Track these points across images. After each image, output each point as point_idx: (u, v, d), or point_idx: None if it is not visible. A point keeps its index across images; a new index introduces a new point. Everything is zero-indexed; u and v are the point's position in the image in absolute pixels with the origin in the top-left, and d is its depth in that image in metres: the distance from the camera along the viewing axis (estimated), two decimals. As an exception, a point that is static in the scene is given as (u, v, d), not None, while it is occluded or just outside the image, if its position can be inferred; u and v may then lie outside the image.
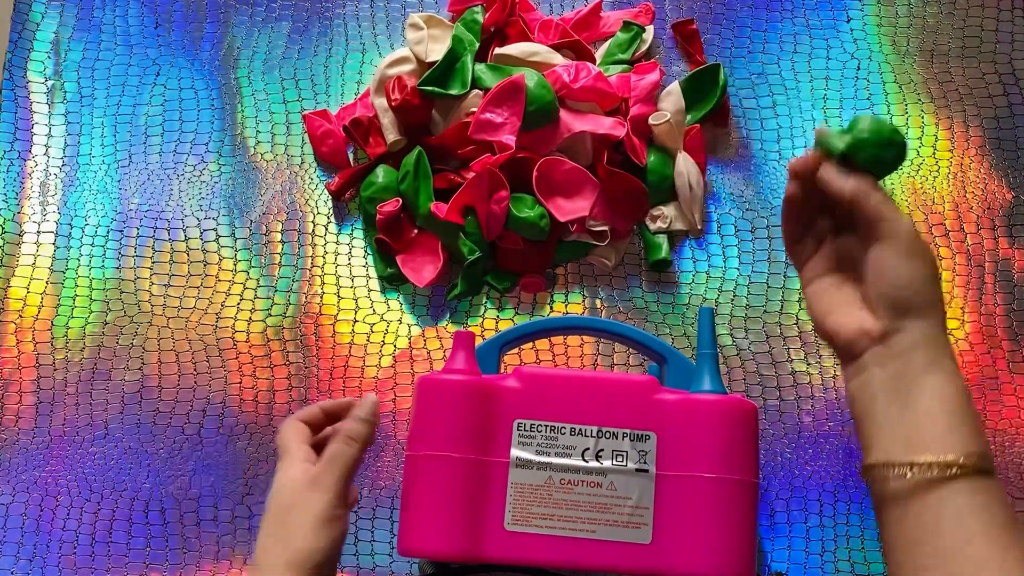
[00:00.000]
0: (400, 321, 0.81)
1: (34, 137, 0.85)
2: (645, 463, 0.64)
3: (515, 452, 0.64)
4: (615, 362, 0.80)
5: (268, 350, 0.80)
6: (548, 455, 0.64)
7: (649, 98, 0.81)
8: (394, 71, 0.82)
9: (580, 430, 0.64)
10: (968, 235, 0.82)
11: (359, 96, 0.85)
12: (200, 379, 0.80)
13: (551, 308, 0.81)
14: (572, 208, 0.79)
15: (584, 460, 0.64)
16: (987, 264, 0.82)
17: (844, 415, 0.78)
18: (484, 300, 0.81)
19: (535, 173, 0.78)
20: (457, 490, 0.63)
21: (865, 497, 0.77)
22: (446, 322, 0.81)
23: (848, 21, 0.87)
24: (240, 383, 0.80)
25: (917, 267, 0.55)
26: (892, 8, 0.88)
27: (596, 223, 0.79)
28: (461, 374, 0.65)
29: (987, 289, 0.81)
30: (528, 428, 0.64)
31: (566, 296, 0.81)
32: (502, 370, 0.69)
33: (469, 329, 0.77)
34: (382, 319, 0.81)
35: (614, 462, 0.64)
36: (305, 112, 0.85)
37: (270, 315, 0.81)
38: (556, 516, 0.64)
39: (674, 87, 0.82)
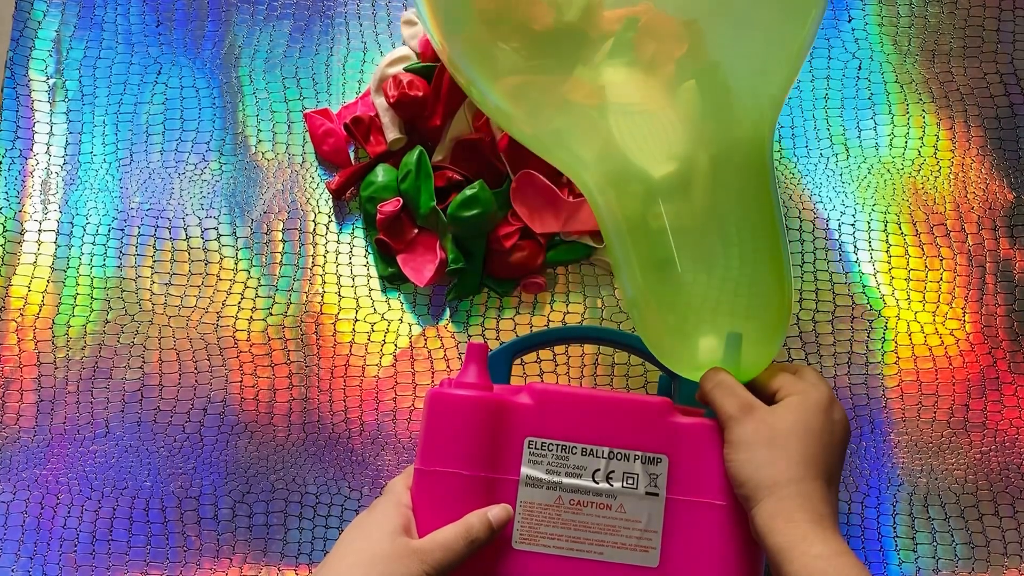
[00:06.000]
0: (401, 320, 0.81)
1: (35, 135, 0.85)
2: (656, 487, 0.63)
3: (525, 470, 0.64)
4: (615, 361, 0.80)
5: (269, 349, 0.80)
6: (558, 474, 0.64)
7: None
8: (394, 70, 0.83)
9: (592, 450, 0.64)
10: (969, 235, 0.82)
11: (360, 95, 0.85)
12: (201, 378, 0.80)
13: (551, 308, 0.81)
14: (547, 222, 0.79)
15: (595, 481, 0.64)
16: (988, 264, 0.82)
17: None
18: (485, 300, 0.81)
19: (512, 185, 0.79)
20: (466, 507, 0.62)
21: (866, 497, 0.77)
22: (446, 321, 0.81)
23: (849, 21, 0.87)
24: (241, 382, 0.80)
25: (745, 460, 0.61)
26: (893, 8, 0.87)
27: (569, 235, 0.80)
28: (473, 389, 0.64)
29: (988, 289, 0.81)
30: (539, 447, 0.64)
31: (567, 297, 0.81)
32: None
33: (477, 340, 0.77)
34: (383, 318, 0.81)
35: (625, 484, 0.64)
36: (306, 111, 0.85)
37: (271, 314, 0.81)
38: (564, 536, 0.63)
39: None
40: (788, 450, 0.60)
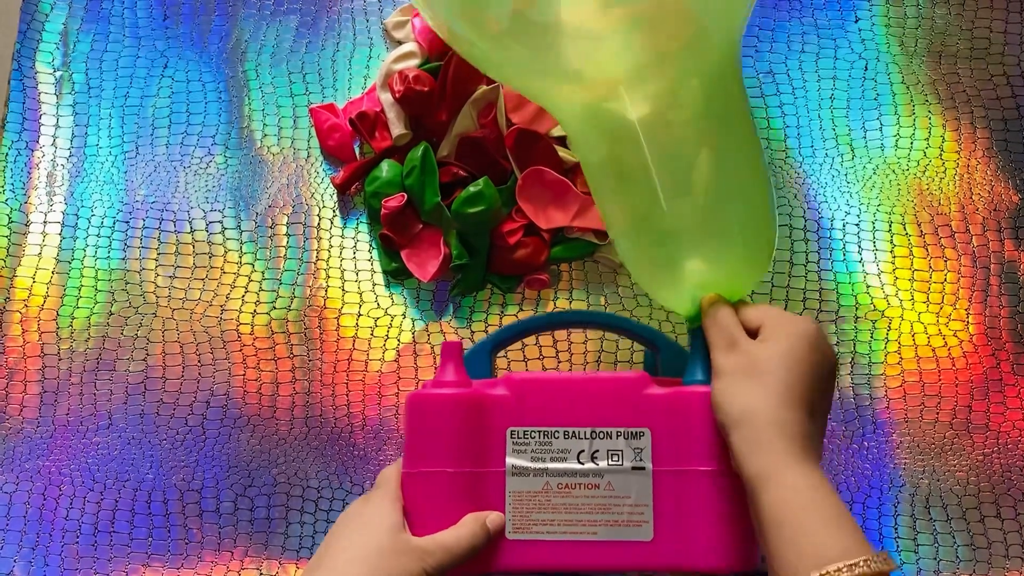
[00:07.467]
0: (404, 315, 0.81)
1: (41, 128, 0.86)
2: (641, 460, 0.64)
3: (510, 460, 0.64)
4: (618, 357, 0.80)
5: (272, 343, 0.80)
6: (543, 461, 0.64)
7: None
8: (400, 66, 0.83)
9: (573, 432, 0.64)
10: (974, 236, 0.82)
11: (366, 90, 0.85)
12: (204, 371, 0.80)
13: (555, 305, 0.81)
14: (554, 218, 0.79)
15: (580, 462, 0.64)
16: (992, 266, 0.81)
17: (847, 413, 0.78)
18: (488, 296, 0.81)
19: (519, 182, 0.79)
20: (457, 504, 0.63)
21: (868, 497, 0.77)
22: (449, 317, 0.81)
23: (856, 21, 0.87)
24: (244, 375, 0.80)
25: (726, 387, 0.61)
26: (900, 8, 0.87)
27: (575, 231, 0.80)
28: (450, 387, 0.65)
29: (992, 291, 0.81)
30: (521, 435, 0.64)
31: (570, 294, 0.81)
32: (503, 369, 0.69)
33: (456, 339, 0.77)
34: (386, 313, 0.81)
35: (610, 462, 0.64)
36: (312, 106, 0.85)
37: (275, 308, 0.81)
38: (557, 521, 0.63)
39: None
40: (767, 378, 0.59)
